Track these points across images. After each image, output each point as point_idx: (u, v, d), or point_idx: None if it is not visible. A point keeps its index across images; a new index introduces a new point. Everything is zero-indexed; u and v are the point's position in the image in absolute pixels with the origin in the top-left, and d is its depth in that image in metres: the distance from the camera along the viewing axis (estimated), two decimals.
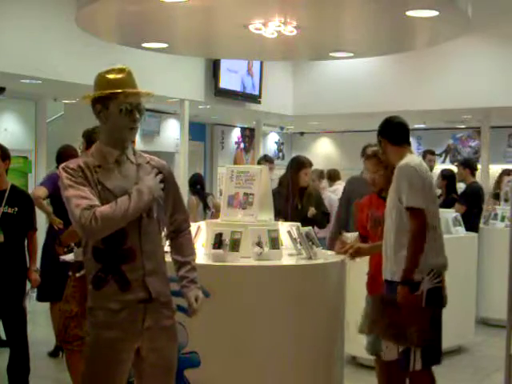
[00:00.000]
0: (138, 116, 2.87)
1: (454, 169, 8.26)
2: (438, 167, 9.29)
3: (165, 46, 7.44)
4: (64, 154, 5.77)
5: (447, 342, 5.50)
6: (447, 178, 8.02)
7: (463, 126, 14.61)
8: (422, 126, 14.77)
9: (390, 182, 4.16)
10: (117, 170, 2.86)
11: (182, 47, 8.11)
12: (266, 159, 8.01)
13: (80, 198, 2.71)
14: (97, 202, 2.73)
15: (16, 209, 4.62)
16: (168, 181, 2.98)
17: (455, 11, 5.80)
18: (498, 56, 10.17)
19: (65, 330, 4.21)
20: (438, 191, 8.08)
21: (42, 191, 5.51)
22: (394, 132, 4.22)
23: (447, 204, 7.43)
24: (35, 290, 4.80)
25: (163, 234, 3.08)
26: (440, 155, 15.47)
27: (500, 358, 4.63)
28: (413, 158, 4.12)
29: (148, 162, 2.97)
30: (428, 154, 8.41)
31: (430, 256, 3.93)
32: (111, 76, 2.93)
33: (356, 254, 4.37)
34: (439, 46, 7.95)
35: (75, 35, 7.41)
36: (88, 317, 2.87)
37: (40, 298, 5.69)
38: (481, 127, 12.18)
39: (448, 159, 15.42)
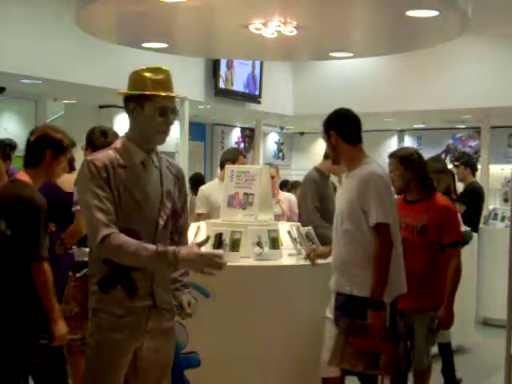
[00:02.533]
0: (172, 120, 2.82)
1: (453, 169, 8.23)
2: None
3: (165, 45, 7.44)
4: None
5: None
6: None
7: (463, 126, 14.61)
8: (422, 126, 14.78)
9: (408, 184, 4.14)
10: (142, 173, 2.79)
11: (182, 47, 8.10)
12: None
13: (100, 211, 2.65)
14: (113, 217, 2.66)
15: None
16: (181, 186, 2.96)
17: (455, 11, 5.79)
18: (497, 56, 10.17)
19: None
20: None
21: None
22: (349, 127, 3.74)
23: None
24: None
25: None
26: (440, 155, 15.49)
27: (500, 357, 4.63)
28: (375, 165, 3.66)
29: (168, 167, 2.91)
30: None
31: (395, 276, 3.59)
32: (150, 75, 2.82)
33: (316, 256, 4.03)
34: (439, 46, 7.94)
35: (75, 35, 7.41)
36: (91, 318, 2.83)
37: None
38: (481, 127, 12.18)
39: (448, 159, 15.43)
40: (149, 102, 2.78)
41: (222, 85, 10.89)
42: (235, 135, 15.89)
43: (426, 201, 4.16)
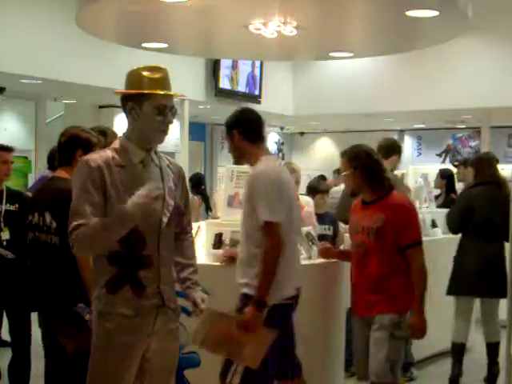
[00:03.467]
0: (171, 119, 2.81)
1: (453, 169, 8.22)
2: (438, 167, 9.27)
3: (165, 46, 7.44)
4: (55, 156, 5.75)
5: (447, 342, 5.52)
6: (446, 177, 8.00)
7: (463, 126, 14.61)
8: (422, 125, 14.77)
9: (357, 185, 3.89)
10: (142, 172, 2.78)
11: (182, 47, 8.11)
12: None
13: (79, 214, 2.65)
14: (91, 220, 2.64)
15: (17, 205, 4.66)
16: (182, 184, 2.96)
17: (455, 11, 5.79)
18: (497, 56, 10.17)
19: None
20: (438, 191, 8.08)
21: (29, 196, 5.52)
22: (252, 127, 3.69)
23: (447, 204, 7.40)
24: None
25: None
26: (440, 155, 15.49)
27: (500, 357, 4.63)
28: (270, 162, 3.64)
29: (168, 166, 2.91)
30: None
31: (285, 278, 3.50)
32: (147, 74, 2.80)
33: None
34: (439, 46, 7.94)
35: (75, 35, 7.41)
36: (97, 321, 2.80)
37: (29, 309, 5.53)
38: (481, 127, 12.18)
39: (448, 159, 15.43)
40: (147, 100, 2.76)
41: (227, 85, 10.91)
42: None
43: (381, 201, 3.83)
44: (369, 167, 3.85)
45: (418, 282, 3.73)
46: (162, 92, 2.77)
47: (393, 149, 5.56)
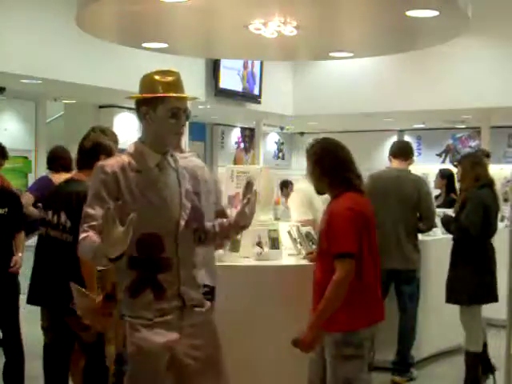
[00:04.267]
0: (184, 121, 2.84)
1: (453, 169, 8.23)
2: (438, 167, 9.27)
3: (165, 46, 7.43)
4: (55, 156, 5.77)
5: (447, 342, 5.53)
6: (446, 177, 8.00)
7: (463, 126, 14.63)
8: (422, 125, 14.78)
9: (315, 182, 3.56)
10: (158, 176, 2.80)
11: (181, 47, 8.10)
12: None
13: (90, 217, 2.69)
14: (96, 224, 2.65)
15: (6, 209, 4.59)
16: (200, 184, 3.03)
17: (455, 11, 5.79)
18: (497, 56, 10.18)
19: None
20: (438, 191, 8.07)
21: (27, 198, 5.51)
22: None
23: (447, 204, 7.41)
24: None
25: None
26: (440, 155, 15.50)
27: (500, 357, 4.63)
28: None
29: (185, 167, 2.92)
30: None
31: None
32: (159, 78, 2.83)
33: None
34: (439, 46, 7.94)
35: (75, 35, 7.40)
36: (124, 325, 2.81)
37: (30, 301, 5.52)
38: (481, 127, 12.19)
39: (448, 159, 15.44)
40: (161, 104, 2.78)
41: (229, 85, 10.93)
42: (235, 135, 15.90)
43: (332, 201, 3.51)
44: (325, 164, 3.53)
45: (327, 295, 3.26)
46: (174, 95, 2.80)
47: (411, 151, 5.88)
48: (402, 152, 5.73)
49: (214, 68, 10.75)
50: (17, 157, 10.16)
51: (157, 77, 2.83)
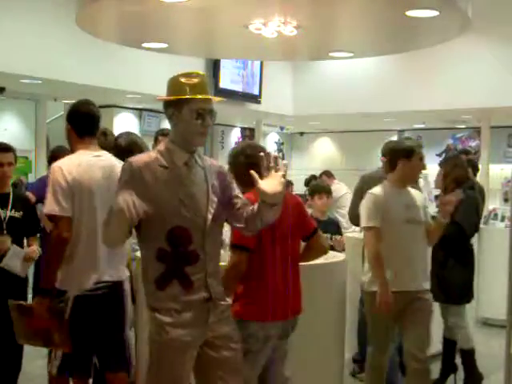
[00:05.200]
0: (210, 122, 2.94)
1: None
2: (438, 167, 9.26)
3: (165, 46, 7.44)
4: (56, 156, 5.76)
5: None
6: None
7: (463, 126, 14.62)
8: (422, 126, 14.77)
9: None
10: (186, 173, 2.92)
11: (181, 47, 8.11)
12: None
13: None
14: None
15: (21, 213, 4.57)
16: (226, 180, 3.07)
17: (455, 11, 5.79)
18: (497, 56, 10.18)
19: None
20: (438, 191, 8.07)
21: (30, 197, 5.50)
22: (78, 121, 3.83)
23: None
24: None
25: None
26: (440, 155, 15.48)
27: (500, 357, 4.63)
28: (75, 157, 3.73)
29: (210, 166, 3.04)
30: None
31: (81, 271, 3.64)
32: (185, 80, 2.97)
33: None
34: (439, 46, 7.94)
35: (75, 35, 7.41)
36: (151, 317, 2.91)
37: None
38: (481, 127, 12.18)
39: None
40: (186, 105, 2.90)
41: (228, 85, 10.92)
42: (235, 135, 15.90)
43: None
44: (235, 166, 3.73)
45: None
46: (199, 96, 2.92)
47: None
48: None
49: (213, 68, 10.75)
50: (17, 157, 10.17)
51: (182, 79, 2.97)
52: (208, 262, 2.92)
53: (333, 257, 4.39)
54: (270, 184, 2.80)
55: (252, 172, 2.81)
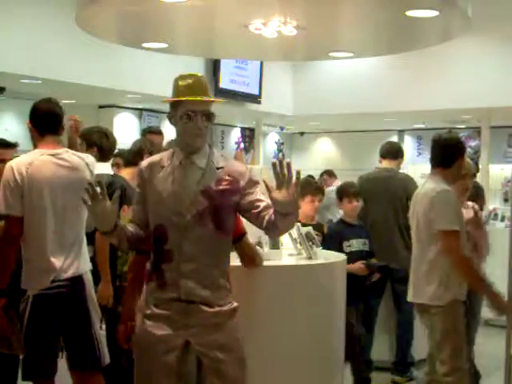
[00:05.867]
0: (202, 123, 2.92)
1: None
2: None
3: (165, 46, 7.43)
4: None
5: None
6: None
7: (463, 126, 14.61)
8: (422, 126, 14.77)
9: None
10: (177, 173, 2.93)
11: (181, 47, 8.10)
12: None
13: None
14: (136, 216, 3.06)
15: None
16: (239, 186, 2.95)
17: (455, 11, 5.79)
18: (497, 56, 10.17)
19: None
20: None
21: None
22: (38, 118, 3.87)
23: None
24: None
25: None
26: None
27: (500, 357, 4.63)
28: (25, 157, 3.69)
29: (222, 168, 2.96)
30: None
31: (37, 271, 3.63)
32: (181, 82, 2.99)
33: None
34: (439, 46, 7.94)
35: (75, 35, 7.40)
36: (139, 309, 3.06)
37: None
38: (481, 127, 12.17)
39: None
40: (180, 107, 2.93)
41: (228, 85, 10.92)
42: (235, 135, 15.89)
43: None
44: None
45: None
46: (186, 98, 2.92)
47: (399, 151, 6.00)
48: (390, 152, 5.86)
49: (213, 68, 10.74)
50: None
51: (179, 81, 3.00)
52: (183, 263, 2.89)
53: (333, 257, 4.40)
54: (282, 193, 2.73)
55: (264, 179, 2.77)
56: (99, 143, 4.81)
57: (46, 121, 3.83)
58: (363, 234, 5.20)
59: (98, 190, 2.82)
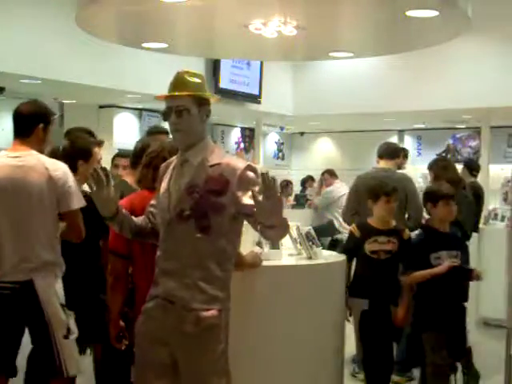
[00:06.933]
0: (175, 118, 2.87)
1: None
2: None
3: (165, 46, 7.43)
4: (55, 157, 5.74)
5: None
6: None
7: (463, 126, 14.61)
8: (422, 126, 14.77)
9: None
10: (175, 171, 2.97)
11: (181, 47, 8.10)
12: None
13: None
14: (151, 209, 3.08)
15: None
16: (228, 187, 2.80)
17: (455, 11, 5.79)
18: (497, 56, 10.17)
19: None
20: None
21: None
22: (13, 122, 3.88)
23: None
24: None
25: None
26: (440, 155, 15.48)
27: (500, 357, 4.63)
28: None
29: (217, 165, 2.84)
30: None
31: None
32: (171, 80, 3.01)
33: None
34: (439, 46, 7.94)
35: (75, 35, 7.40)
36: None
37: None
38: (481, 127, 12.17)
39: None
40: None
41: (229, 85, 10.92)
42: (235, 135, 15.90)
43: None
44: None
45: None
46: (160, 95, 2.96)
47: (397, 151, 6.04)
48: (387, 152, 5.89)
49: (213, 68, 10.75)
50: None
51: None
52: (163, 261, 2.89)
53: (333, 257, 4.40)
54: (266, 205, 2.60)
55: (253, 189, 2.61)
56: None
57: (14, 123, 3.85)
58: (455, 245, 4.48)
59: (103, 176, 2.85)
